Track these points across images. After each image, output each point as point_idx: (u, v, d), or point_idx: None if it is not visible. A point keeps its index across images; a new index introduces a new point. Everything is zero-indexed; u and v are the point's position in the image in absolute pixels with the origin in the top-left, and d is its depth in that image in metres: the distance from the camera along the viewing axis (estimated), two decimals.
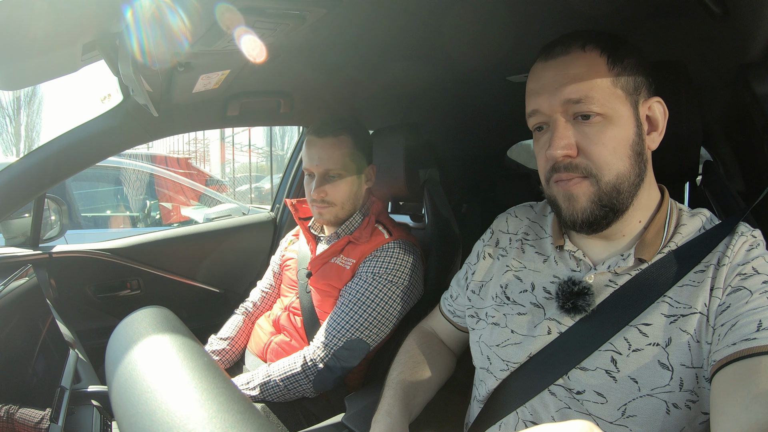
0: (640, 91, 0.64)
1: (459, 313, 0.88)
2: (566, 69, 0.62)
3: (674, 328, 0.58)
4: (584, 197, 0.62)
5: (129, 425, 0.43)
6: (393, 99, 1.42)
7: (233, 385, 0.48)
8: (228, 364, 1.30)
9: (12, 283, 0.79)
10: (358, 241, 1.14)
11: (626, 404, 0.58)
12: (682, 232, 0.64)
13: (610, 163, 0.61)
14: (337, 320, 1.05)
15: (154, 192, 4.13)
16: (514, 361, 0.68)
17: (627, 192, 0.62)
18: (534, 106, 0.65)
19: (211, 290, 1.71)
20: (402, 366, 0.83)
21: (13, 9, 0.56)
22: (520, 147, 2.07)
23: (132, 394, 0.46)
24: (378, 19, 0.86)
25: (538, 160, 0.68)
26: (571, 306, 0.64)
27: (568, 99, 0.61)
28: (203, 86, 1.07)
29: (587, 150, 0.61)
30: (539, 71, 0.66)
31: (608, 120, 0.61)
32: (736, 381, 0.50)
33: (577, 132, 0.62)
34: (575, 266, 0.69)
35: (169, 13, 0.64)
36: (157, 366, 0.49)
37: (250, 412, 0.42)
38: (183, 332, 0.59)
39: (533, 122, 0.67)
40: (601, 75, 0.61)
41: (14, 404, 0.60)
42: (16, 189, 1.06)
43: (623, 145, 0.61)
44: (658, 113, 0.65)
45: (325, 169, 1.13)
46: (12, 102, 16.12)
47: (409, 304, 1.11)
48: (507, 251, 0.79)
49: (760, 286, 0.55)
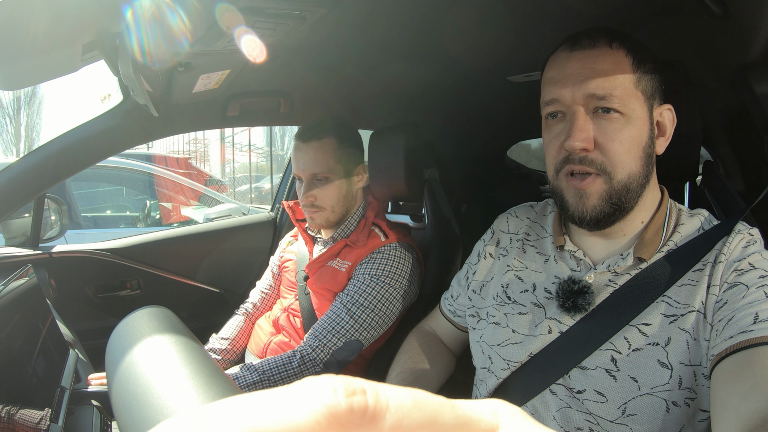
0: (656, 96, 0.64)
1: (459, 313, 0.88)
2: (593, 63, 0.61)
3: (673, 327, 0.58)
4: (596, 195, 0.62)
5: (129, 425, 0.43)
6: (393, 99, 1.42)
7: (233, 384, 0.48)
8: (228, 363, 1.30)
9: (12, 283, 0.79)
10: (355, 244, 1.14)
11: (626, 403, 0.58)
12: (681, 231, 0.65)
13: (624, 162, 0.61)
14: (335, 321, 1.04)
15: (153, 192, 4.13)
16: (515, 360, 0.68)
17: (635, 192, 0.63)
18: (554, 95, 0.64)
19: (211, 290, 1.71)
20: (401, 366, 0.83)
21: (13, 9, 0.56)
22: (520, 147, 2.07)
23: (132, 394, 0.46)
24: (378, 18, 0.86)
25: (549, 149, 0.67)
26: (571, 305, 0.64)
27: (592, 94, 0.61)
28: (203, 86, 1.07)
29: (604, 146, 0.61)
30: (563, 61, 0.64)
31: (627, 119, 0.61)
32: (734, 372, 0.50)
33: (596, 126, 0.61)
34: (575, 266, 0.69)
35: (169, 13, 0.64)
36: (157, 366, 0.49)
37: None
38: (183, 332, 0.59)
39: (549, 110, 0.66)
40: (625, 74, 0.61)
41: (14, 404, 0.60)
42: (16, 189, 1.06)
43: (637, 146, 0.62)
44: (667, 120, 0.66)
45: (312, 173, 1.12)
46: (12, 102, 16.13)
47: (405, 305, 1.11)
48: (508, 251, 0.79)
49: (756, 281, 0.55)
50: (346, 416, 0.10)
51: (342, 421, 0.10)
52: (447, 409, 0.11)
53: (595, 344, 0.62)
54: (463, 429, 0.12)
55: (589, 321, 0.63)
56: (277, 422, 0.10)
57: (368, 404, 0.11)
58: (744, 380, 0.48)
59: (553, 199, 0.72)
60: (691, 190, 0.89)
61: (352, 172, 1.17)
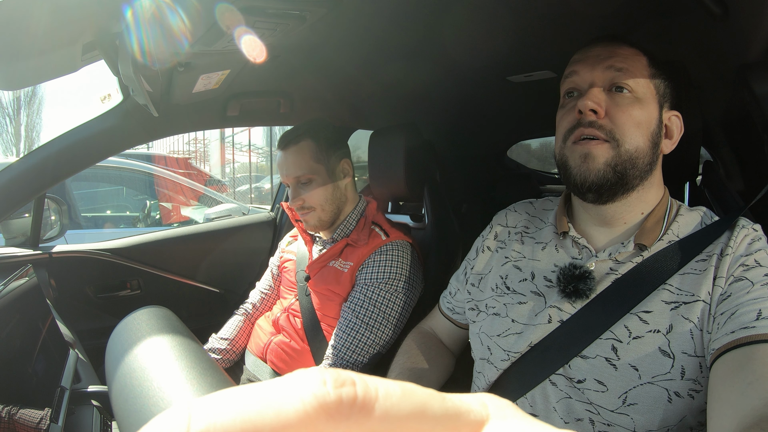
0: (667, 98, 0.67)
1: (459, 310, 0.88)
2: (614, 48, 0.66)
3: (676, 315, 0.59)
4: (602, 158, 0.63)
5: (129, 425, 0.43)
6: (393, 99, 1.42)
7: (233, 384, 0.48)
8: (228, 363, 1.30)
9: (12, 283, 0.79)
10: (356, 244, 1.14)
11: (627, 392, 0.58)
12: (680, 221, 0.66)
13: (632, 134, 0.63)
14: (354, 336, 1.04)
15: (153, 192, 4.13)
16: (514, 350, 0.69)
17: (640, 170, 0.64)
18: (574, 68, 0.68)
19: (211, 290, 1.71)
20: (401, 367, 0.83)
21: (13, 9, 0.56)
22: (520, 147, 2.07)
23: (132, 394, 0.46)
24: (378, 19, 0.86)
25: (561, 122, 0.69)
26: (572, 290, 0.65)
27: (611, 65, 0.64)
28: (203, 86, 1.07)
29: (615, 116, 0.63)
30: (587, 47, 0.68)
31: (639, 101, 0.64)
32: (733, 368, 0.50)
33: (609, 100, 0.64)
34: (577, 254, 0.70)
35: (169, 13, 0.64)
36: (157, 366, 0.49)
37: None
38: (183, 332, 0.59)
39: (567, 86, 0.69)
40: (641, 66, 0.65)
41: (14, 404, 0.60)
42: (16, 189, 1.06)
43: (646, 126, 0.64)
44: (674, 126, 0.68)
45: (295, 177, 1.14)
46: (12, 102, 16.12)
47: (411, 304, 1.11)
48: (506, 243, 0.80)
49: (762, 278, 0.56)
50: (335, 406, 0.10)
51: (331, 411, 0.10)
52: (436, 401, 0.12)
53: (595, 333, 0.62)
54: (452, 420, 0.12)
55: (590, 309, 0.64)
56: (266, 412, 0.10)
57: (357, 395, 0.11)
58: (743, 376, 0.48)
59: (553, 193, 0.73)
60: (691, 190, 0.89)
61: (336, 170, 1.17)
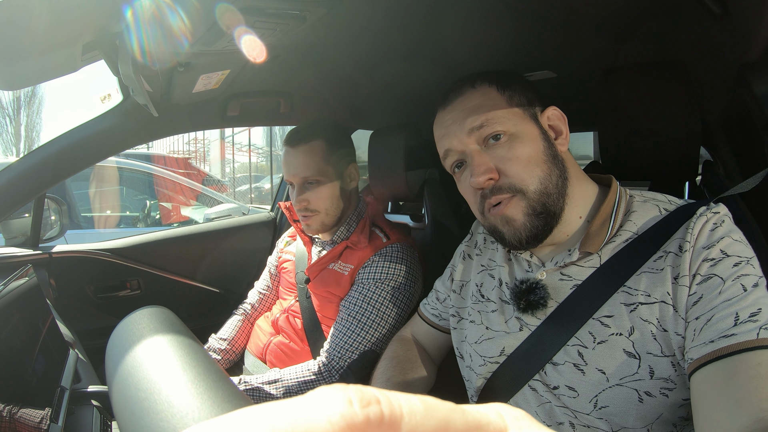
0: (534, 104, 0.68)
1: (444, 316, 0.89)
2: (463, 105, 0.68)
3: (635, 317, 0.58)
4: (519, 214, 0.64)
5: (129, 425, 0.43)
6: (393, 99, 1.42)
7: (233, 384, 0.48)
8: (228, 364, 1.30)
9: (12, 283, 0.79)
10: (357, 246, 1.13)
11: (597, 396, 0.59)
12: (634, 219, 0.64)
13: (529, 174, 0.64)
14: (348, 333, 1.04)
15: (153, 192, 4.13)
16: (489, 356, 0.70)
17: (556, 193, 0.64)
18: (445, 147, 0.69)
19: (211, 290, 1.71)
20: (387, 374, 0.83)
21: (13, 9, 0.56)
22: None
23: (132, 394, 0.46)
24: (378, 19, 0.86)
25: (468, 198, 0.71)
26: (525, 304, 0.65)
27: (471, 127, 0.65)
28: (203, 86, 1.07)
29: (505, 169, 0.64)
30: (441, 118, 0.70)
31: (515, 137, 0.65)
32: (717, 384, 0.49)
33: (493, 156, 0.65)
34: (527, 267, 0.71)
35: (169, 13, 0.64)
36: (157, 366, 0.49)
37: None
38: (183, 332, 0.59)
39: (450, 162, 0.71)
40: (495, 100, 0.67)
41: (14, 404, 0.60)
42: (16, 189, 1.06)
43: (536, 155, 0.64)
44: (556, 120, 0.69)
45: (303, 177, 1.11)
46: (12, 102, 16.15)
47: (410, 305, 1.11)
48: (482, 251, 0.82)
49: (731, 271, 0.53)
50: (363, 427, 0.10)
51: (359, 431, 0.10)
52: (458, 415, 0.12)
53: (561, 341, 0.63)
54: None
55: (553, 319, 0.64)
56: None
57: (384, 413, 0.11)
58: (728, 393, 0.47)
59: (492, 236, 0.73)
60: (691, 190, 0.89)
61: (344, 173, 1.15)
